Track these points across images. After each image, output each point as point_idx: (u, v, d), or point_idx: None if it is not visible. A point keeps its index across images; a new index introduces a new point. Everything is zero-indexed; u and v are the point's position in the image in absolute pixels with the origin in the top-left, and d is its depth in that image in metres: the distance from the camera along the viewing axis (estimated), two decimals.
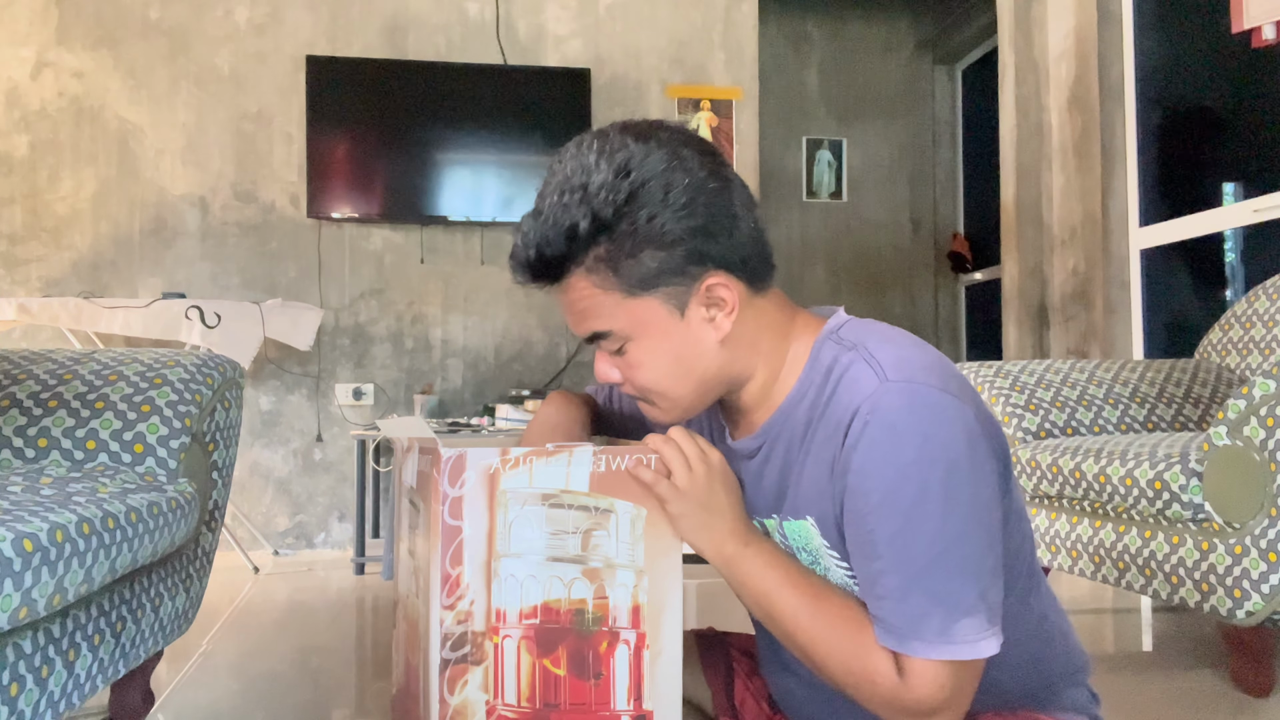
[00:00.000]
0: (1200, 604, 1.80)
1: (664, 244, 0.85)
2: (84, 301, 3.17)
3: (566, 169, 0.87)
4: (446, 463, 0.87)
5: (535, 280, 0.90)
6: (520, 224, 0.89)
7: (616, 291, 0.87)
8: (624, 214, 0.84)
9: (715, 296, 0.88)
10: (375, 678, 2.16)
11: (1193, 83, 3.58)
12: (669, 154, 0.86)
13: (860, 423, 0.83)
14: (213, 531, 1.76)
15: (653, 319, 0.88)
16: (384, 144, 3.67)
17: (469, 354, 3.81)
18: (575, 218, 0.85)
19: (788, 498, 0.92)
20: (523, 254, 0.88)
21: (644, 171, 0.85)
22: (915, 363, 0.85)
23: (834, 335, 0.92)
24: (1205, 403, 2.47)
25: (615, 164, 0.85)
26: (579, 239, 0.85)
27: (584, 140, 0.89)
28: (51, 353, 1.76)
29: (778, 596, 0.89)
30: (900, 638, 0.82)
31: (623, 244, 0.85)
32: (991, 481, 0.85)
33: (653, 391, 0.92)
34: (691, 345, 0.89)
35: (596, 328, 0.89)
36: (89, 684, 1.31)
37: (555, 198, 0.86)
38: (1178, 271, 3.54)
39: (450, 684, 0.87)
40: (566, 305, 0.90)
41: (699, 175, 0.86)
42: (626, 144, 0.86)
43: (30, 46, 3.54)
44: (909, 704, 0.83)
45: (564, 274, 0.88)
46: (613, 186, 0.84)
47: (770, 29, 5.07)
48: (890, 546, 0.82)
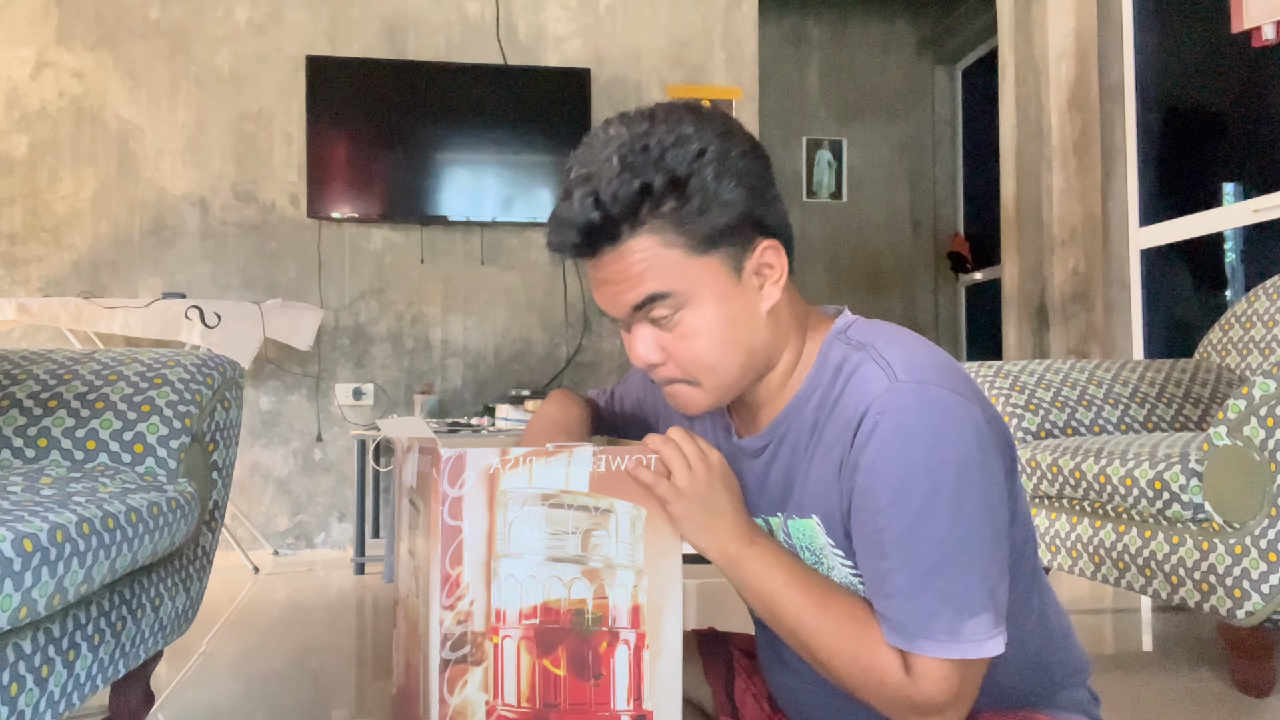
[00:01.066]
0: (1200, 604, 1.80)
1: (726, 205, 0.86)
2: (84, 301, 3.17)
3: (622, 135, 0.87)
4: (446, 463, 0.87)
5: (587, 245, 0.87)
6: (568, 191, 0.88)
7: (680, 250, 0.86)
8: (694, 171, 0.85)
9: (766, 261, 0.89)
10: (375, 678, 2.16)
11: (1193, 83, 3.58)
12: (720, 125, 0.88)
13: (870, 422, 0.83)
14: (213, 531, 1.76)
15: (712, 280, 0.87)
16: (384, 144, 3.67)
17: (469, 354, 3.81)
18: (648, 176, 0.84)
19: (793, 496, 0.93)
20: (580, 216, 0.86)
21: (704, 137, 0.86)
22: (924, 363, 0.86)
23: (842, 335, 0.92)
24: (1205, 403, 2.47)
25: (677, 130, 0.86)
26: (653, 195, 0.85)
27: (627, 115, 0.89)
28: (51, 353, 1.76)
29: (782, 595, 0.89)
30: (909, 636, 0.82)
31: (691, 201, 0.85)
32: (999, 481, 0.85)
33: (701, 365, 0.90)
34: (745, 312, 0.89)
35: (656, 289, 0.87)
36: (89, 684, 1.31)
37: (616, 161, 0.85)
38: (1178, 271, 3.54)
39: (450, 684, 0.87)
40: (617, 272, 0.88)
41: (748, 145, 0.89)
42: (673, 112, 0.88)
43: (30, 46, 3.54)
44: (917, 702, 0.83)
45: (622, 235, 0.86)
46: (680, 148, 0.85)
47: (770, 29, 5.07)
48: (899, 546, 0.82)
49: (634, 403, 1.19)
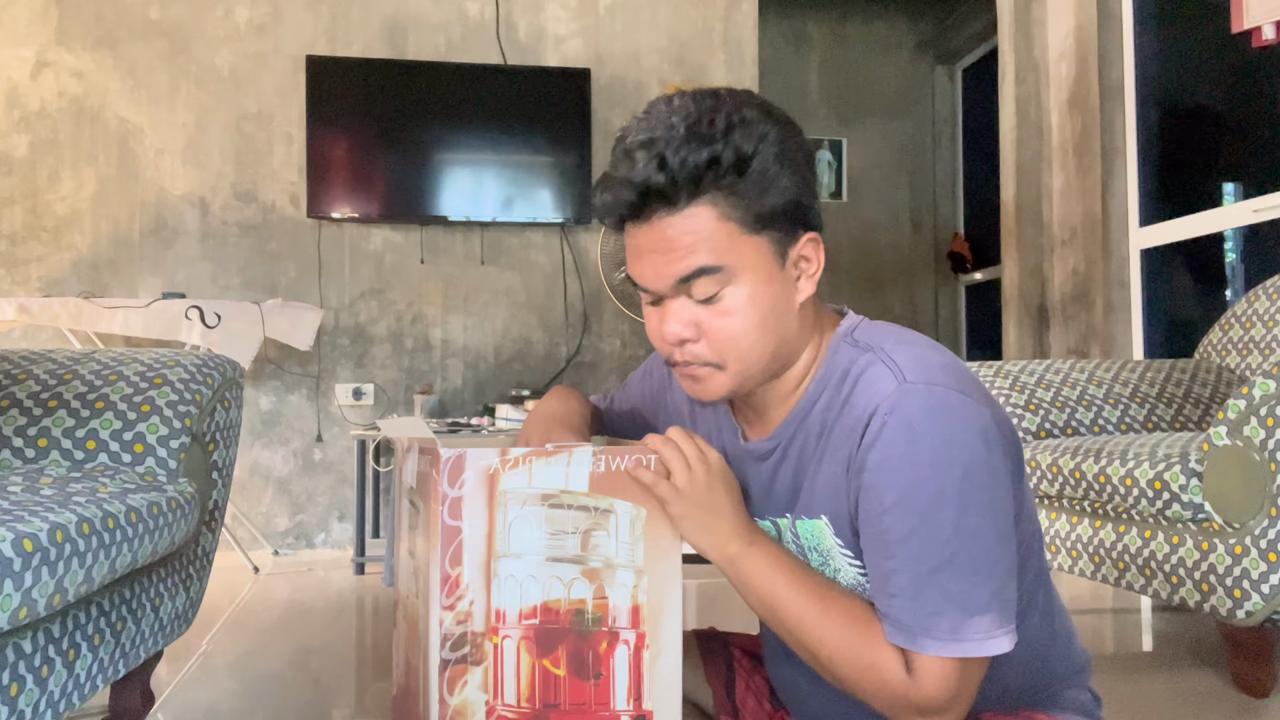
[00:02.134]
0: (1200, 604, 1.80)
1: (782, 189, 0.87)
2: (84, 301, 3.17)
3: (689, 107, 0.87)
4: (446, 463, 0.87)
5: (642, 205, 0.87)
6: (628, 152, 0.87)
7: (735, 224, 0.86)
8: (759, 152, 0.86)
9: (805, 255, 0.90)
10: (375, 678, 2.16)
11: (1193, 83, 3.58)
12: (780, 114, 0.90)
13: (878, 423, 0.83)
14: (213, 531, 1.76)
15: (759, 261, 0.88)
16: (384, 144, 3.67)
17: (469, 354, 3.81)
18: (718, 149, 0.85)
19: (801, 497, 0.93)
20: (642, 176, 0.85)
21: (764, 122, 0.87)
22: (932, 364, 0.86)
23: (848, 337, 0.92)
24: (1205, 403, 2.47)
25: (744, 111, 0.87)
26: (719, 166, 0.85)
27: (688, 93, 0.90)
28: (51, 353, 1.76)
29: (783, 595, 0.89)
30: (911, 635, 0.83)
31: (752, 179, 0.85)
32: (1006, 483, 0.85)
33: (735, 346, 0.89)
34: (783, 299, 0.90)
35: (706, 262, 0.86)
36: (89, 684, 1.31)
37: (684, 129, 0.85)
38: (1178, 271, 3.54)
39: (450, 684, 0.87)
40: (668, 240, 0.87)
41: (802, 139, 0.90)
42: (735, 96, 0.88)
43: (30, 46, 3.54)
44: (917, 701, 0.83)
45: (680, 201, 0.86)
46: (746, 129, 0.86)
47: (770, 29, 5.07)
48: (904, 546, 0.82)
49: (631, 408, 1.19)
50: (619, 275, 3.68)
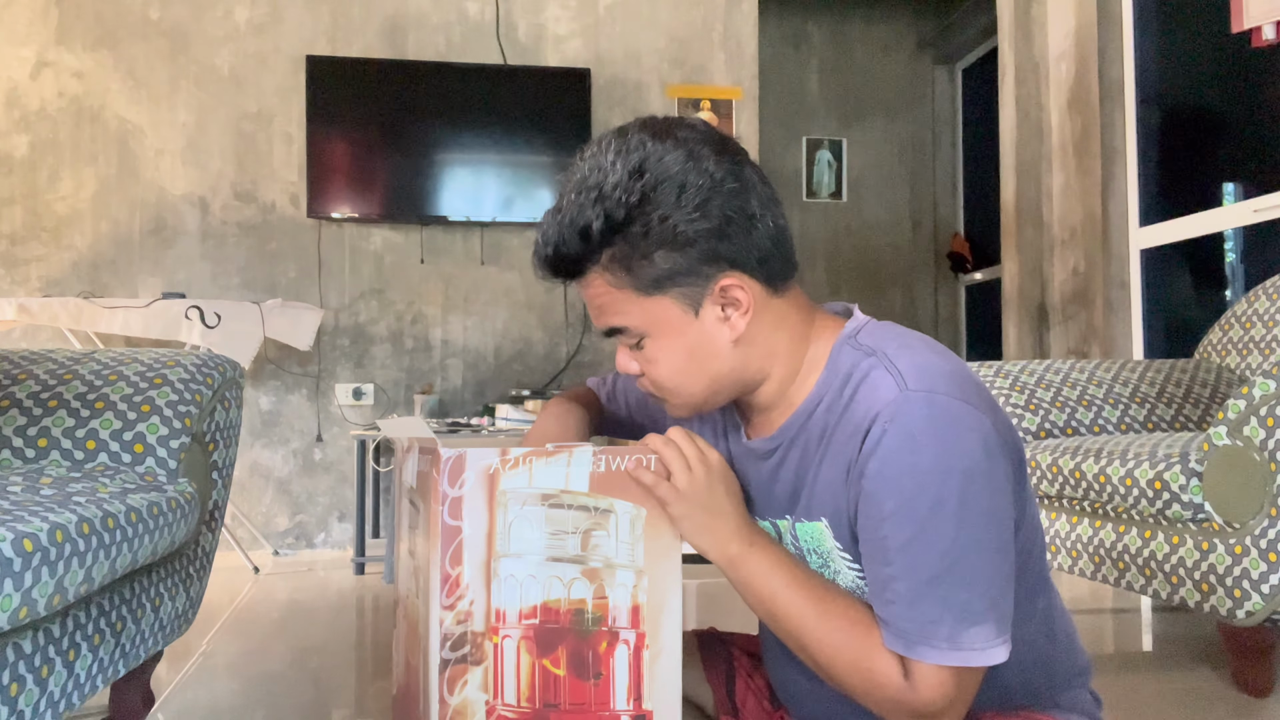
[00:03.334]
0: (1200, 604, 1.80)
1: (677, 245, 0.85)
2: (84, 301, 3.17)
3: (585, 168, 0.88)
4: (446, 463, 0.87)
5: (555, 276, 0.91)
6: (541, 221, 0.90)
7: (630, 290, 0.87)
8: (636, 215, 0.85)
9: (730, 297, 0.88)
10: (375, 678, 2.16)
11: (1193, 83, 3.58)
12: (686, 154, 0.86)
13: (879, 430, 0.83)
14: (213, 531, 1.76)
15: (666, 317, 0.88)
16: (384, 144, 3.67)
17: (469, 354, 3.81)
18: (589, 218, 0.85)
19: (801, 500, 0.93)
20: (542, 251, 0.90)
21: (658, 172, 0.85)
22: (935, 371, 0.85)
23: (852, 340, 0.91)
24: (1205, 403, 2.47)
25: (630, 164, 0.85)
26: (593, 239, 0.86)
27: (604, 139, 0.89)
28: (51, 353, 1.76)
29: (783, 596, 0.89)
30: (909, 643, 0.82)
31: (635, 244, 0.85)
32: (1007, 491, 0.85)
33: (665, 388, 0.93)
34: (705, 344, 0.90)
35: (613, 323, 0.91)
36: (89, 684, 1.31)
37: (573, 196, 0.87)
38: (1178, 271, 3.54)
39: (450, 684, 0.87)
40: (587, 300, 0.92)
41: (715, 175, 0.86)
42: (644, 143, 0.86)
43: (30, 46, 3.54)
44: (914, 706, 0.83)
45: (581, 272, 0.89)
46: (626, 187, 0.84)
47: (770, 29, 5.07)
48: (903, 553, 0.82)
49: (640, 397, 1.18)
50: None
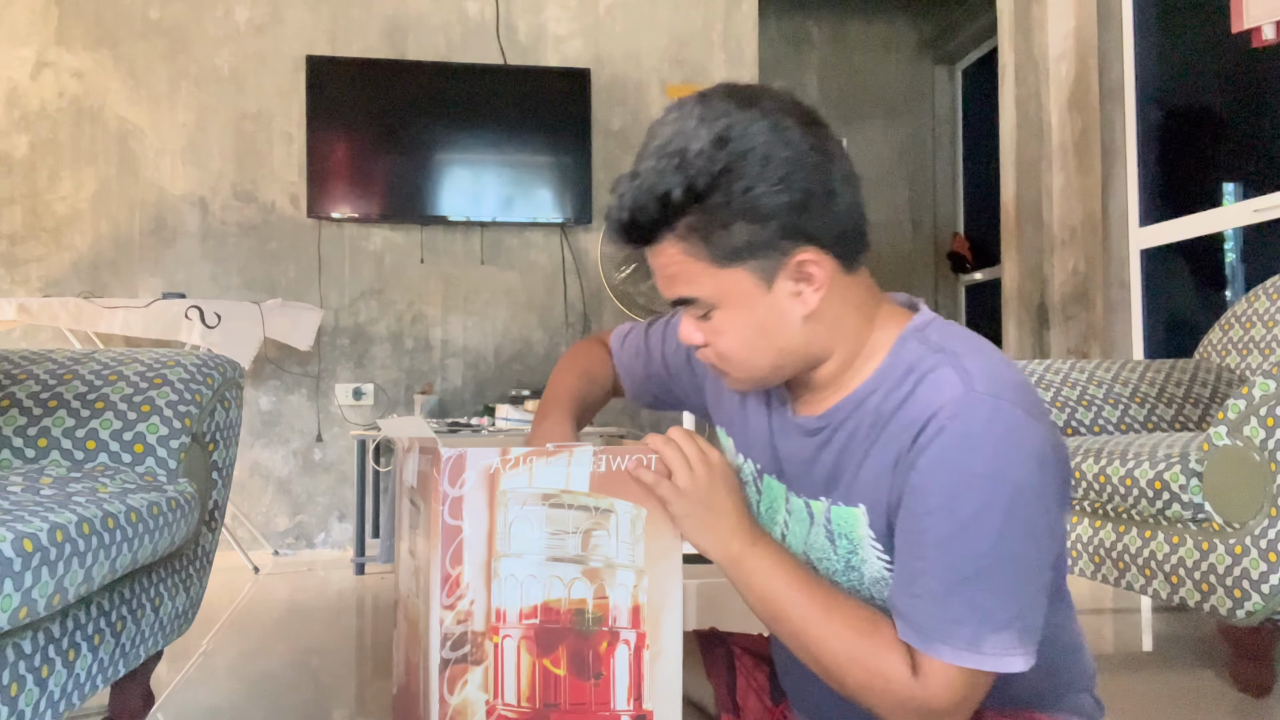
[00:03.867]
0: (1200, 604, 1.80)
1: (757, 217, 0.83)
2: (84, 301, 3.17)
3: (666, 133, 0.85)
4: (446, 463, 0.87)
5: (628, 242, 0.89)
6: (616, 185, 0.89)
7: (705, 260, 0.86)
8: (719, 185, 0.82)
9: (805, 272, 0.86)
10: (375, 678, 2.16)
11: (1193, 83, 3.58)
12: (771, 124, 0.84)
13: (937, 425, 0.82)
14: (213, 531, 1.76)
15: (739, 290, 0.87)
16: (384, 144, 3.67)
17: (469, 354, 3.81)
18: (670, 184, 0.83)
19: (841, 483, 0.91)
20: (616, 216, 0.88)
21: (743, 142, 0.83)
22: (1004, 379, 0.84)
23: (920, 333, 0.90)
24: (1205, 403, 2.47)
25: (714, 131, 0.83)
26: (671, 206, 0.84)
27: (686, 104, 0.87)
28: (51, 353, 1.75)
29: (786, 595, 0.89)
30: (927, 638, 0.82)
31: (715, 214, 0.83)
32: (1052, 509, 0.84)
33: (730, 360, 0.91)
34: (775, 318, 0.88)
35: (683, 293, 0.89)
36: (89, 684, 1.31)
37: (653, 162, 0.85)
38: (1178, 271, 3.54)
39: (450, 684, 0.87)
40: (656, 268, 0.90)
41: (801, 148, 0.84)
42: (728, 111, 0.84)
43: (30, 46, 3.54)
44: (920, 702, 0.83)
45: (655, 238, 0.87)
46: (710, 156, 0.82)
47: (770, 29, 5.07)
48: (938, 550, 0.82)
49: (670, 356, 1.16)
50: (619, 275, 3.68)
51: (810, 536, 0.96)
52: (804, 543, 0.97)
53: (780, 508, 0.99)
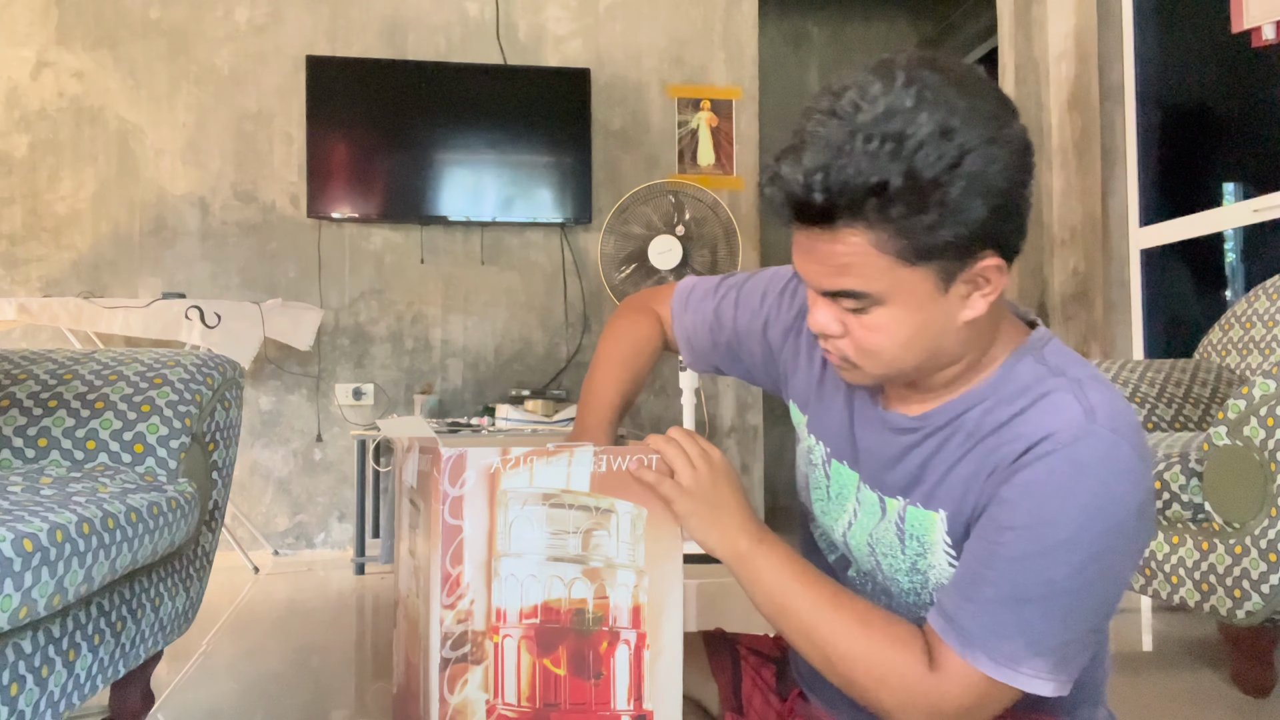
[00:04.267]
0: (1200, 604, 1.80)
1: (964, 220, 0.76)
2: (84, 301, 3.17)
3: (879, 107, 0.75)
4: (447, 462, 0.87)
5: (800, 221, 0.80)
6: (795, 149, 0.78)
7: (892, 256, 0.78)
8: (940, 182, 0.74)
9: (984, 277, 0.81)
10: (375, 678, 2.16)
11: (1193, 83, 3.58)
12: (992, 115, 0.77)
13: (1049, 447, 0.80)
14: (213, 531, 1.76)
15: (916, 289, 0.80)
16: (384, 144, 3.67)
17: (469, 354, 3.81)
18: (888, 173, 0.74)
19: (923, 486, 0.90)
20: (801, 190, 0.77)
21: (969, 136, 0.75)
22: (1123, 418, 0.82)
23: (1037, 352, 0.87)
24: (1205, 403, 2.47)
25: (937, 119, 0.74)
26: (885, 196, 0.75)
27: (887, 76, 0.77)
28: (51, 353, 1.75)
29: (795, 591, 0.89)
30: (967, 643, 0.81)
31: (925, 212, 0.75)
32: (1137, 559, 0.83)
33: (876, 357, 0.84)
34: (940, 321, 0.82)
35: (854, 287, 0.80)
36: (89, 684, 1.31)
37: (860, 141, 0.75)
38: (1178, 271, 3.54)
39: (450, 683, 0.87)
40: (821, 254, 0.80)
41: (1016, 146, 0.78)
42: (948, 98, 0.75)
43: (30, 46, 3.54)
44: (934, 700, 0.82)
45: (837, 222, 0.77)
46: (938, 149, 0.74)
47: (770, 29, 5.07)
48: (1010, 566, 0.80)
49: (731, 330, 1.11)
50: (619, 275, 3.68)
51: (878, 530, 0.94)
52: (870, 535, 0.95)
53: (850, 495, 0.97)
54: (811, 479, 1.04)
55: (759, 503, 3.99)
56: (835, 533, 1.01)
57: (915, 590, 0.92)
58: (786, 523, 4.25)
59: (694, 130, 3.90)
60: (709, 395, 3.93)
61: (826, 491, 1.01)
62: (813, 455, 1.02)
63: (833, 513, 1.00)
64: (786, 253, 0.84)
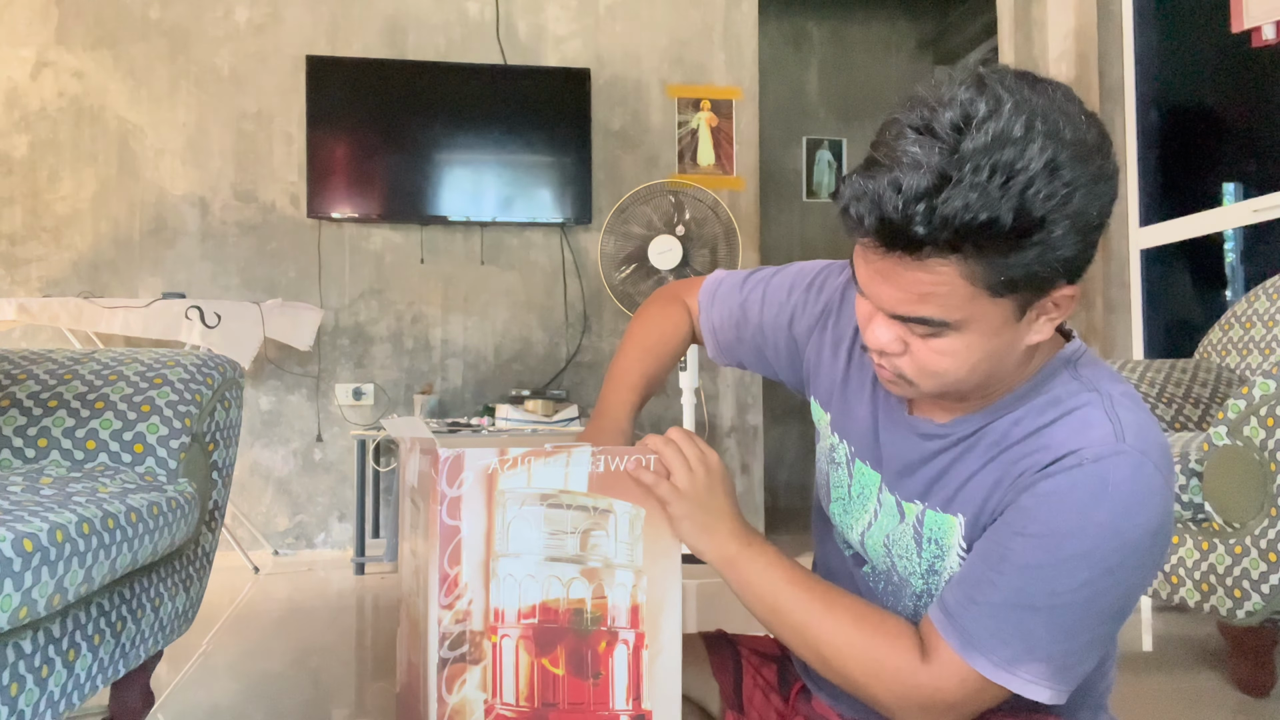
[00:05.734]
0: (1200, 604, 1.80)
1: (1060, 254, 0.74)
2: (84, 301, 3.17)
3: (988, 133, 0.71)
4: (444, 462, 0.87)
5: (883, 244, 0.75)
6: (888, 173, 0.73)
7: (979, 287, 0.74)
8: (1047, 223, 0.72)
9: (1057, 305, 0.79)
10: (375, 678, 2.16)
11: (1193, 83, 3.58)
12: (1096, 149, 0.74)
13: (1074, 461, 0.79)
14: (213, 531, 1.76)
15: (993, 318, 0.77)
16: (384, 144, 3.67)
17: (469, 354, 3.81)
18: (998, 210, 0.70)
19: (943, 490, 0.89)
20: (899, 217, 0.72)
21: (1077, 173, 0.72)
22: (1153, 438, 0.81)
23: (1071, 366, 0.86)
24: (1205, 403, 2.47)
25: (1048, 155, 0.71)
26: (991, 232, 0.71)
27: (994, 94, 0.72)
28: (51, 353, 1.76)
29: (786, 593, 0.89)
30: (967, 643, 0.81)
31: (1026, 250, 0.72)
32: (1149, 576, 0.83)
33: (937, 379, 0.82)
34: (1008, 345, 0.80)
35: (931, 314, 0.77)
36: (89, 684, 1.31)
37: (969, 169, 0.70)
38: (1178, 271, 3.54)
39: (449, 683, 0.87)
40: (900, 280, 0.76)
41: (1111, 183, 0.76)
42: (1054, 125, 0.72)
43: (30, 46, 3.54)
44: (928, 692, 0.83)
45: (926, 252, 0.73)
46: (1048, 187, 0.71)
47: (770, 29, 5.07)
48: (1019, 573, 0.80)
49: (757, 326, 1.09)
50: (619, 275, 3.68)
51: (896, 533, 0.94)
52: (887, 536, 0.95)
53: (872, 496, 0.97)
54: (833, 478, 1.03)
55: (759, 503, 3.99)
56: (853, 533, 1.00)
57: (929, 592, 0.92)
58: (787, 523, 4.25)
59: (694, 130, 3.91)
60: (709, 395, 3.93)
61: (848, 491, 1.00)
62: (836, 454, 1.02)
63: (853, 512, 1.00)
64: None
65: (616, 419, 1.11)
